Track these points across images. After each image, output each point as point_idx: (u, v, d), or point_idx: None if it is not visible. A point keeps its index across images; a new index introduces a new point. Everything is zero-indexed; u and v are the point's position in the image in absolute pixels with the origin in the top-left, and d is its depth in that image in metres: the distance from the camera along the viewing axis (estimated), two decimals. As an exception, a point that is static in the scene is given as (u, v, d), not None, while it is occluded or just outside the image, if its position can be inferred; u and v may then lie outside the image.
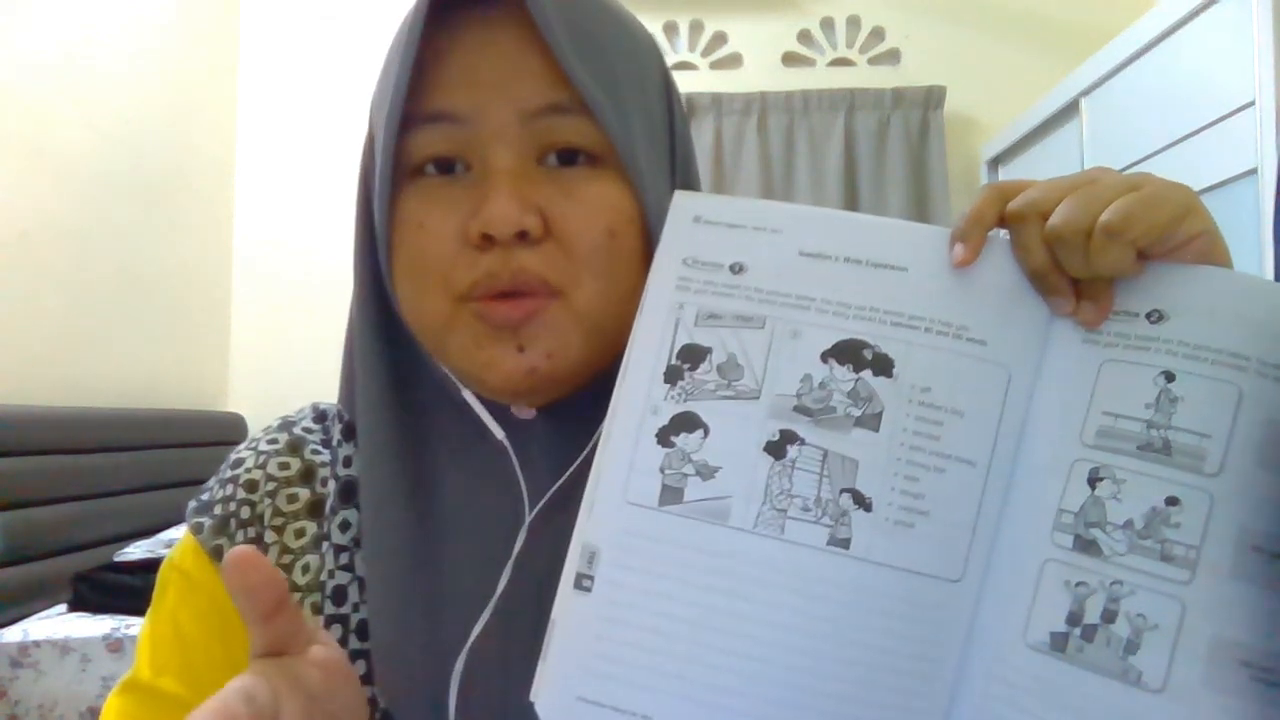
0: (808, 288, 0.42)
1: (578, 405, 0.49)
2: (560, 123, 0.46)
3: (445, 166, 0.47)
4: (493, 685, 0.47)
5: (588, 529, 0.41)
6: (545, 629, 0.41)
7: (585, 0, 0.48)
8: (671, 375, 0.42)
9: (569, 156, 0.47)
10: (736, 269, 0.43)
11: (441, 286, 0.46)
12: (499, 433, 0.50)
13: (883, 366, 0.41)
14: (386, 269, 0.48)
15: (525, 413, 0.50)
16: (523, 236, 0.44)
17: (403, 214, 0.47)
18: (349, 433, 0.54)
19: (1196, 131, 1.76)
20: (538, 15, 0.44)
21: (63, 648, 1.72)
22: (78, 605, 1.88)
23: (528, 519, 0.49)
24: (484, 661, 0.47)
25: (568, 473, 0.48)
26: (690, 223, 0.44)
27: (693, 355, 0.42)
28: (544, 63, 0.45)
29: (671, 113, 0.53)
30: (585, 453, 0.48)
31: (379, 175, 0.47)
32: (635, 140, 0.47)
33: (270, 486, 0.52)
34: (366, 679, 0.48)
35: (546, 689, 0.41)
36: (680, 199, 0.45)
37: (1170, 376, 0.38)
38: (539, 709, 0.40)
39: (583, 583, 0.41)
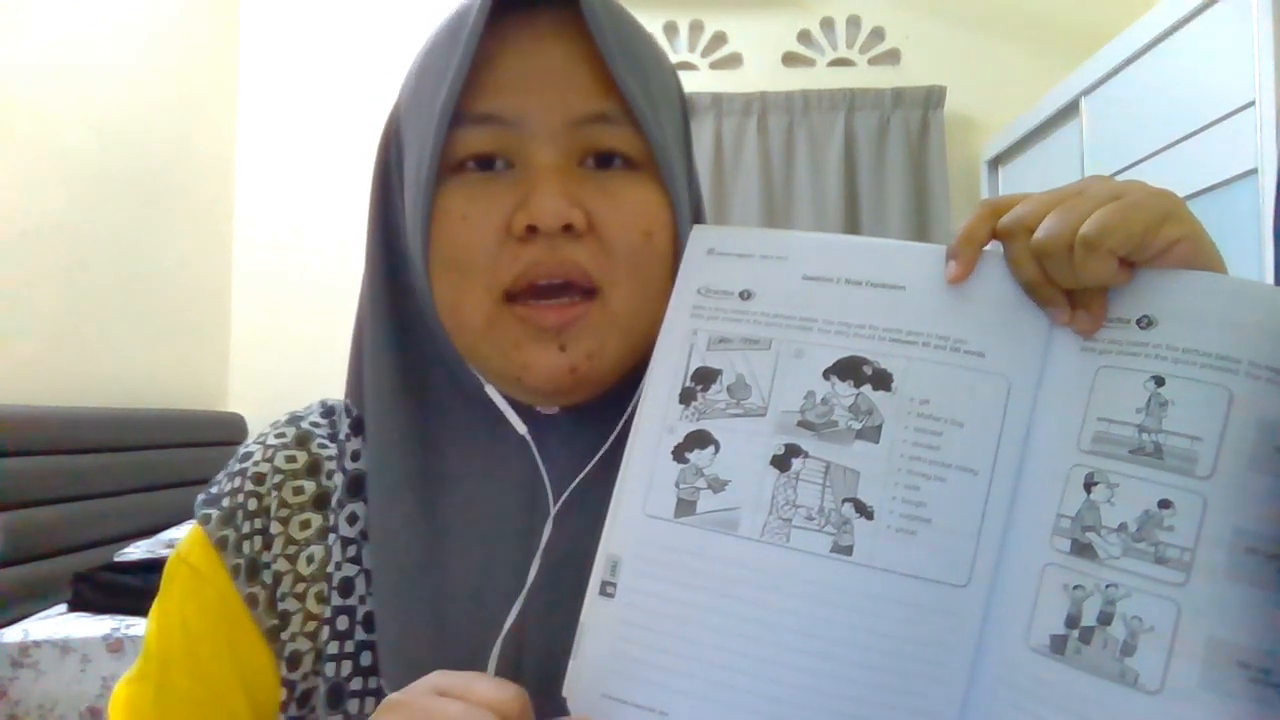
0: (810, 310, 0.44)
1: (597, 402, 0.51)
2: (604, 130, 0.48)
3: (485, 163, 0.48)
4: (508, 671, 0.48)
5: (611, 540, 0.44)
6: (563, 617, 0.44)
7: (624, 15, 0.50)
8: (686, 396, 0.45)
9: (606, 159, 0.49)
10: (745, 295, 0.46)
11: (484, 283, 0.48)
12: (521, 428, 0.51)
13: (882, 381, 0.42)
14: (421, 262, 0.49)
15: (550, 409, 0.52)
16: (567, 229, 0.46)
17: (444, 207, 0.48)
18: (357, 427, 0.55)
19: (1196, 131, 1.76)
20: (594, 28, 0.46)
21: (63, 648, 1.72)
22: (78, 605, 1.88)
23: (553, 511, 0.50)
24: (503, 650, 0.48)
25: (589, 466, 0.50)
26: (705, 254, 0.47)
27: (705, 377, 0.45)
28: (591, 72, 0.48)
29: (686, 124, 0.56)
30: (606, 446, 0.50)
31: (423, 170, 0.48)
32: (670, 148, 0.50)
33: (277, 479, 0.53)
34: (373, 670, 0.49)
35: (576, 686, 0.43)
36: (697, 233, 0.48)
37: (1160, 381, 0.39)
38: (570, 704, 0.43)
39: (607, 589, 0.44)
